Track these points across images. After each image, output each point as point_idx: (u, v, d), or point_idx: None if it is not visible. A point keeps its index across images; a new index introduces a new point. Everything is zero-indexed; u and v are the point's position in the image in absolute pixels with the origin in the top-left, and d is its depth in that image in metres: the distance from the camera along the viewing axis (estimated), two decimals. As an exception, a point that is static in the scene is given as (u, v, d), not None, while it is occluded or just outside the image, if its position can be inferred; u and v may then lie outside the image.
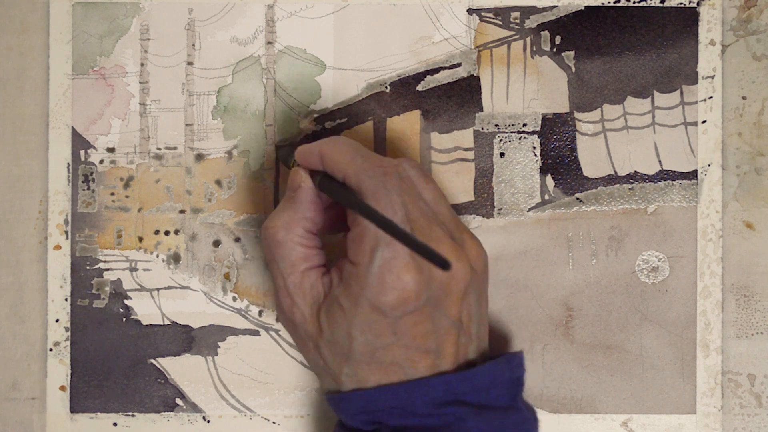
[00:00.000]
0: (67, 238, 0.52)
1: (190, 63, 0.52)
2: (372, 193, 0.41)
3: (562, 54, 0.52)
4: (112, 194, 0.52)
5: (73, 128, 0.52)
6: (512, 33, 0.52)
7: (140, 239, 0.52)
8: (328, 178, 0.43)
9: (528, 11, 0.52)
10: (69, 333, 0.52)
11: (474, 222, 0.52)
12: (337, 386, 0.43)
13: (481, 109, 0.52)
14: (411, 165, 0.44)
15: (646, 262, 0.52)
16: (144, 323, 0.52)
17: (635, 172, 0.52)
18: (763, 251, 0.52)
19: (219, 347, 0.52)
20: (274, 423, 0.52)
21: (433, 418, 0.41)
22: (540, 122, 0.52)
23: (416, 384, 0.41)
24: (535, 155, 0.52)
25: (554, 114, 0.52)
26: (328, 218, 0.45)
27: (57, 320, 0.52)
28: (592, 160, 0.52)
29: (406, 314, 0.40)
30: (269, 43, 0.52)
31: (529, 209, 0.52)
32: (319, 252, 0.44)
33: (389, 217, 0.40)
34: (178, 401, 0.52)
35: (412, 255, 0.40)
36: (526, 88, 0.52)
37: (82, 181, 0.52)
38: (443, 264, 0.36)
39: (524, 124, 0.52)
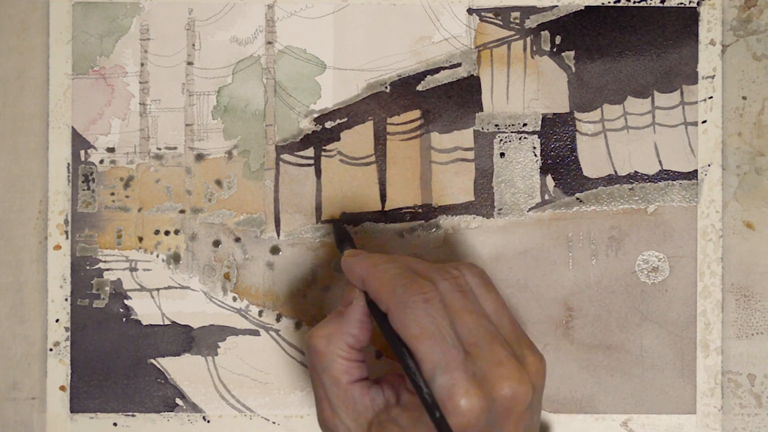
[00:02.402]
0: (67, 238, 0.52)
1: (190, 63, 0.52)
2: (415, 325, 0.40)
3: (562, 54, 0.52)
4: (112, 194, 0.52)
5: (73, 128, 0.52)
6: (512, 33, 0.52)
7: (140, 239, 0.52)
8: (374, 307, 0.43)
9: (528, 11, 0.52)
10: (69, 333, 0.52)
11: (474, 222, 0.52)
12: None
13: (481, 109, 0.52)
14: (473, 273, 0.43)
15: (646, 262, 0.52)
16: (144, 323, 0.52)
17: (635, 172, 0.52)
18: (763, 251, 0.52)
19: (219, 347, 0.52)
20: (274, 423, 0.52)
21: None
22: (540, 122, 0.52)
23: None
24: (535, 155, 0.52)
25: (554, 114, 0.52)
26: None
27: (57, 320, 0.52)
28: (592, 160, 0.52)
29: None
30: (269, 43, 0.52)
31: (529, 209, 0.52)
32: (361, 365, 0.44)
33: (440, 345, 0.40)
34: (178, 401, 0.52)
35: (471, 379, 0.39)
36: (526, 88, 0.52)
37: (82, 181, 0.52)
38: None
39: (524, 124, 0.52)
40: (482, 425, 0.39)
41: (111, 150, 0.52)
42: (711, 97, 0.52)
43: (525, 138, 0.52)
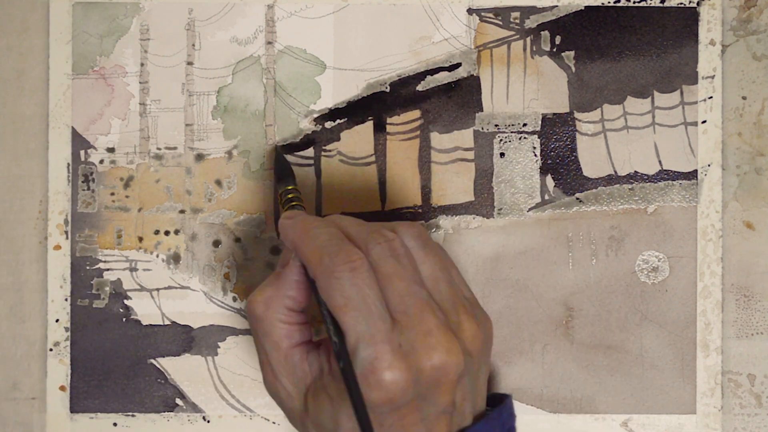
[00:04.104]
0: (67, 238, 0.52)
1: (190, 63, 0.52)
2: (340, 296, 0.39)
3: (562, 54, 0.52)
4: (112, 194, 0.52)
5: (73, 128, 0.52)
6: (512, 33, 0.52)
7: (140, 239, 0.52)
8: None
9: (528, 11, 0.52)
10: (69, 333, 0.52)
11: (474, 222, 0.52)
12: None
13: (481, 109, 0.52)
14: (411, 234, 0.42)
15: (646, 262, 0.52)
16: (144, 323, 0.52)
17: (635, 172, 0.52)
18: (763, 251, 0.52)
19: (219, 347, 0.52)
20: (274, 423, 0.52)
21: None
22: (540, 122, 0.52)
23: None
24: (535, 155, 0.52)
25: (554, 114, 0.52)
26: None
27: (57, 320, 0.52)
28: (592, 160, 0.52)
29: (393, 410, 0.38)
30: (269, 43, 0.52)
31: (529, 209, 0.52)
32: (302, 328, 0.43)
33: (364, 316, 0.39)
34: (178, 401, 0.52)
35: (396, 351, 0.38)
36: (526, 88, 0.52)
37: (82, 181, 0.52)
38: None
39: (524, 124, 0.52)
40: (409, 398, 0.38)
41: (111, 150, 0.52)
42: (711, 97, 0.52)
43: (525, 138, 0.52)
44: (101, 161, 0.52)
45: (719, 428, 0.52)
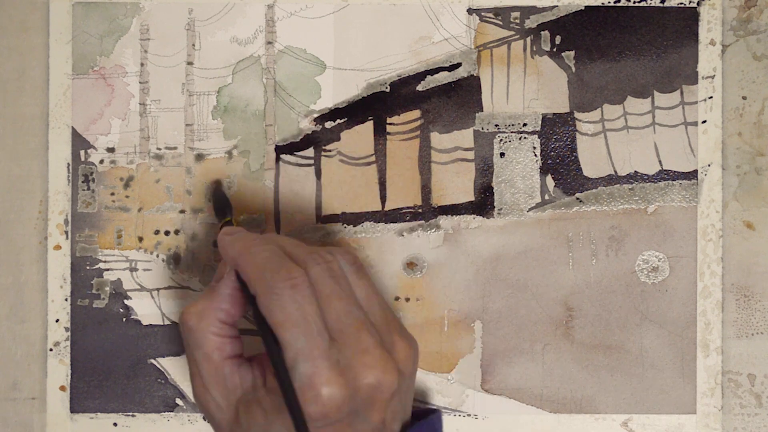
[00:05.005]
0: (67, 238, 0.52)
1: (190, 63, 0.52)
2: (280, 312, 0.40)
3: (562, 54, 0.52)
4: (112, 194, 0.52)
5: (73, 128, 0.52)
6: (512, 33, 0.52)
7: (140, 239, 0.52)
8: (245, 286, 0.42)
9: (528, 11, 0.52)
10: (69, 333, 0.52)
11: (474, 222, 0.52)
12: None
13: (481, 109, 0.52)
14: (347, 260, 0.43)
15: (646, 262, 0.52)
16: (144, 323, 0.52)
17: (635, 172, 0.52)
18: (763, 251, 0.52)
19: (219, 347, 0.52)
20: (274, 423, 0.52)
21: None
22: (540, 122, 0.52)
23: None
24: (535, 155, 0.52)
25: (554, 114, 0.52)
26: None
27: (57, 320, 0.52)
28: (592, 160, 0.52)
29: (327, 425, 0.39)
30: (269, 43, 0.52)
31: (529, 209, 0.52)
32: (233, 341, 0.43)
33: (304, 332, 0.39)
34: (178, 401, 0.52)
35: (333, 368, 0.39)
36: (526, 88, 0.52)
37: (82, 181, 0.52)
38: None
39: (524, 124, 0.52)
40: (344, 413, 0.39)
41: (111, 150, 0.52)
42: (711, 97, 0.52)
43: (525, 138, 0.52)
44: (101, 161, 0.52)
45: (719, 428, 0.52)
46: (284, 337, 0.40)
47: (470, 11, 0.52)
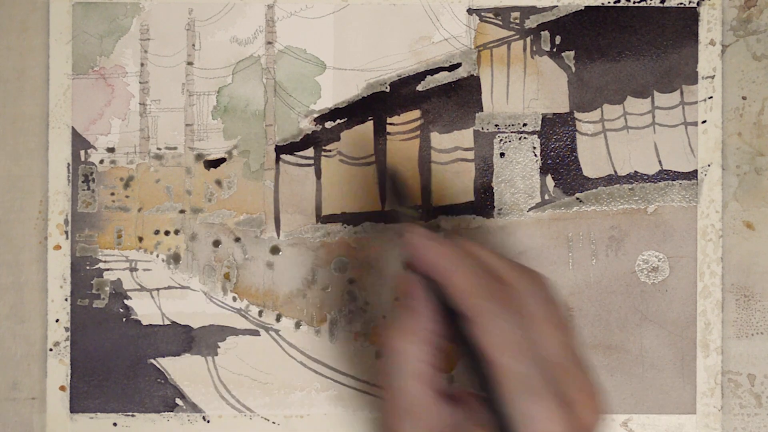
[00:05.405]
0: (67, 238, 0.52)
1: (190, 63, 0.52)
2: (499, 335, 0.36)
3: (562, 54, 0.52)
4: (112, 194, 0.52)
5: (73, 128, 0.52)
6: (512, 33, 0.52)
7: (140, 239, 0.52)
8: (443, 302, 0.38)
9: (528, 11, 0.52)
10: (69, 333, 0.52)
11: (474, 222, 0.52)
12: None
13: (481, 109, 0.52)
14: (545, 285, 0.38)
15: (646, 262, 0.52)
16: (144, 323, 0.52)
17: (635, 172, 0.52)
18: (763, 251, 0.52)
19: (219, 347, 0.52)
20: (274, 423, 0.52)
21: None
22: (540, 122, 0.52)
23: None
24: (535, 155, 0.52)
25: (554, 114, 0.52)
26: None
27: (57, 320, 0.52)
28: (592, 160, 0.52)
29: None
30: (269, 43, 0.52)
31: (529, 209, 0.52)
32: (436, 373, 0.38)
33: (523, 363, 0.35)
34: (178, 401, 0.52)
35: (559, 404, 0.35)
36: (526, 88, 0.52)
37: (82, 181, 0.52)
38: None
39: (524, 124, 0.52)
40: None
41: (111, 150, 0.52)
42: (711, 97, 0.52)
43: (525, 138, 0.52)
44: (101, 161, 0.52)
45: (719, 428, 0.52)
46: (503, 364, 0.36)
47: (470, 11, 0.52)
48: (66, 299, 0.52)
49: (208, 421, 0.52)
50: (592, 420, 0.36)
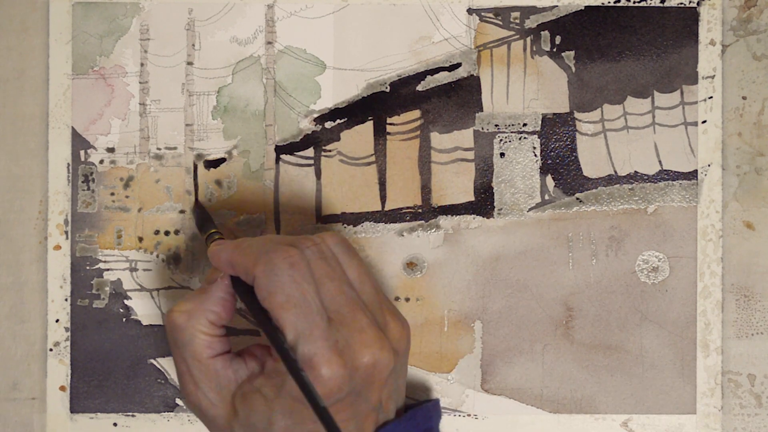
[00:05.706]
0: (67, 238, 0.52)
1: (190, 63, 0.52)
2: (281, 293, 0.40)
3: (562, 54, 0.52)
4: (112, 194, 0.52)
5: (73, 128, 0.52)
6: (512, 33, 0.52)
7: (140, 239, 0.52)
8: (239, 283, 0.43)
9: (528, 11, 0.52)
10: (69, 333, 0.52)
11: (474, 222, 0.52)
12: None
13: (481, 109, 0.52)
14: (335, 241, 0.43)
15: (646, 262, 0.52)
16: (144, 323, 0.52)
17: (635, 172, 0.52)
18: (763, 251, 0.52)
19: (219, 347, 0.52)
20: (274, 423, 0.52)
21: None
22: (540, 122, 0.52)
23: None
24: (535, 155, 0.52)
25: (554, 114, 0.52)
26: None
27: (57, 320, 0.52)
28: (592, 160, 0.52)
29: (328, 405, 0.39)
30: (269, 43, 0.52)
31: (529, 209, 0.52)
32: (222, 339, 0.44)
33: (304, 313, 0.40)
34: (178, 401, 0.52)
35: (333, 348, 0.40)
36: (526, 88, 0.52)
37: (82, 181, 0.52)
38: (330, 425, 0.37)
39: (524, 124, 0.52)
40: (344, 393, 0.40)
41: (111, 150, 0.52)
42: (711, 97, 0.52)
43: (525, 138, 0.52)
44: (101, 161, 0.52)
45: (719, 428, 0.52)
46: (285, 318, 0.40)
47: (470, 11, 0.52)
48: (66, 299, 0.52)
49: (208, 421, 0.52)
50: (402, 341, 0.43)
